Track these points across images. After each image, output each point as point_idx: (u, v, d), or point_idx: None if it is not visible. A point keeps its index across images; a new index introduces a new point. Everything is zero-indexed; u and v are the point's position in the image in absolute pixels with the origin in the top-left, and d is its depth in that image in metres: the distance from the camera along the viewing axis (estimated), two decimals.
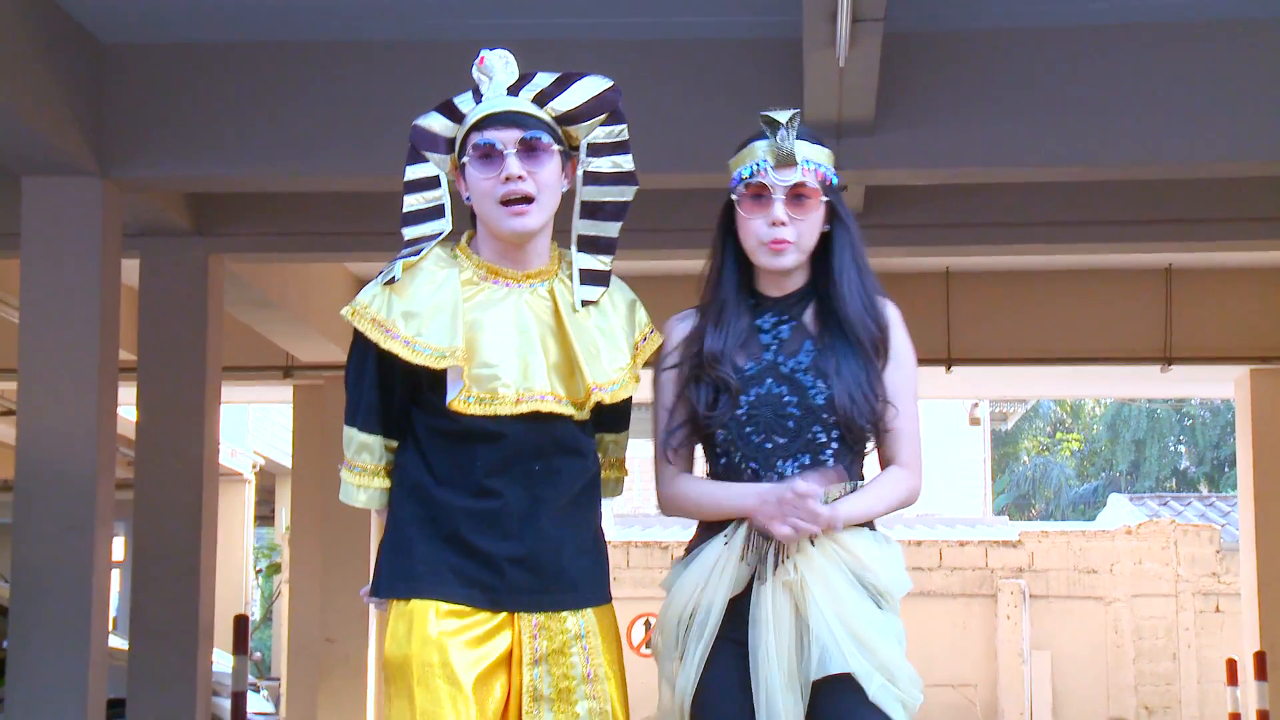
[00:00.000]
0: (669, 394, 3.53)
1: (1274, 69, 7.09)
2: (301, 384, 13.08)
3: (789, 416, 3.42)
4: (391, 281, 3.37)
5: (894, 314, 3.55)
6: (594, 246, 3.51)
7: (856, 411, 3.42)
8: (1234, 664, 12.86)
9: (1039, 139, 7.21)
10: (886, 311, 3.54)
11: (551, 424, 3.39)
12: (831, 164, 3.54)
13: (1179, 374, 12.30)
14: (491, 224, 3.42)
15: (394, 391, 3.41)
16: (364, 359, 3.42)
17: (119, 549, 15.40)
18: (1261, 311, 11.71)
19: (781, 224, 3.46)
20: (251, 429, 18.93)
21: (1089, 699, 16.92)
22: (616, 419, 3.59)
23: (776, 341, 3.50)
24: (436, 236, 3.44)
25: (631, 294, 3.61)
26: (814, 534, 3.32)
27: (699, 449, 3.56)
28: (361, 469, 3.45)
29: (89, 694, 7.14)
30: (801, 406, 3.42)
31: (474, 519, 3.35)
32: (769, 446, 3.42)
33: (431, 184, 3.48)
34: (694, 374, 3.49)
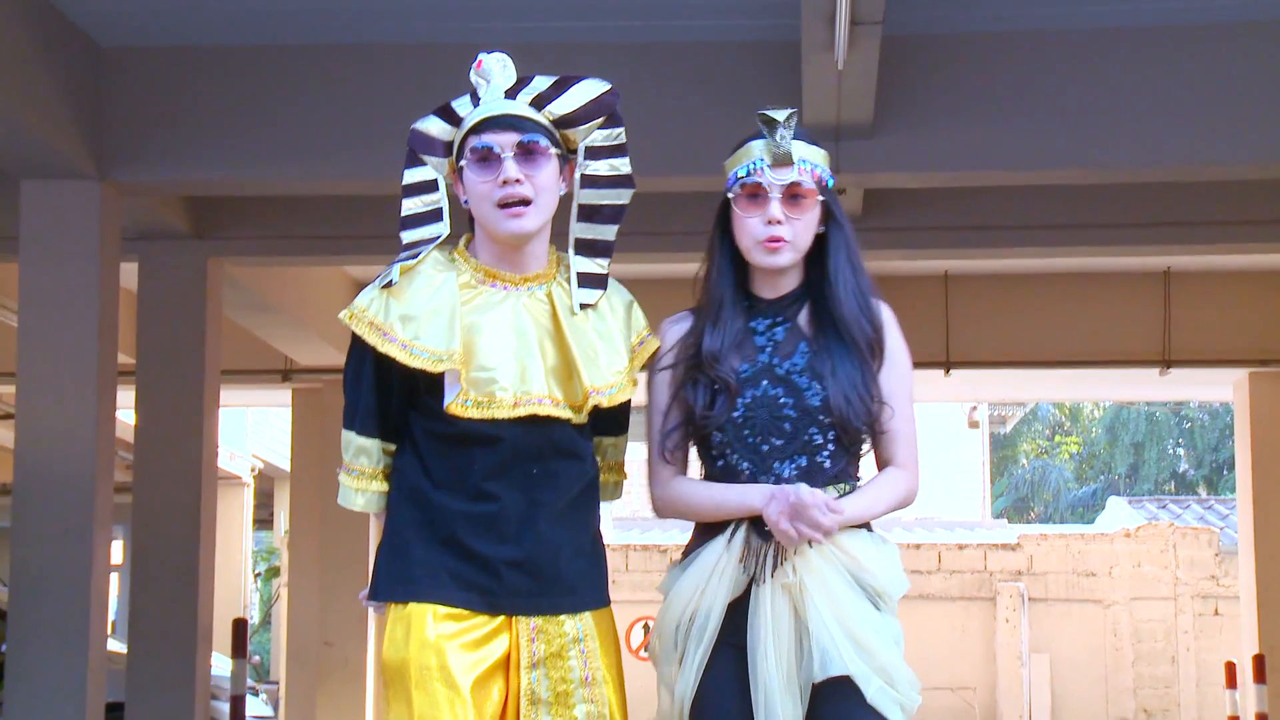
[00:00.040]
0: (664, 395, 3.52)
1: (1272, 72, 7.09)
2: (300, 387, 13.07)
3: (785, 418, 3.42)
4: (389, 285, 3.37)
5: (889, 315, 3.56)
6: (591, 250, 3.51)
7: (852, 413, 3.42)
8: (1233, 667, 12.87)
9: (1037, 142, 7.20)
10: (881, 313, 3.54)
11: (549, 427, 3.38)
12: (827, 165, 3.54)
13: (1178, 377, 12.30)
14: (489, 226, 3.41)
15: (392, 395, 3.41)
16: (362, 362, 3.42)
17: (118, 552, 15.38)
18: (1260, 314, 11.70)
19: (778, 222, 3.46)
20: (250, 432, 18.93)
21: (1088, 702, 16.93)
22: (615, 422, 3.59)
23: (771, 343, 3.50)
24: (434, 240, 3.44)
25: (629, 295, 3.60)
26: (817, 541, 3.32)
27: (693, 452, 3.56)
28: (359, 472, 3.45)
29: (87, 697, 7.13)
30: (798, 408, 3.42)
31: (471, 522, 3.34)
32: (766, 448, 3.42)
33: (429, 187, 3.47)
34: (690, 375, 3.48)
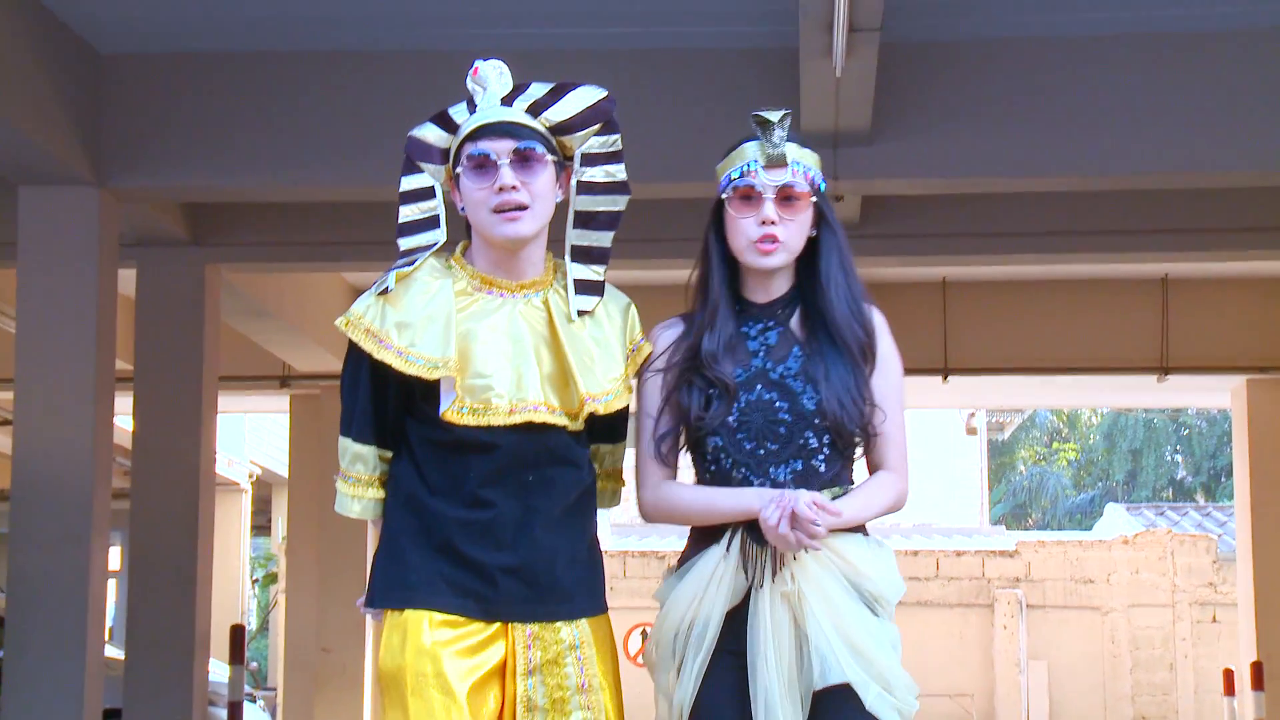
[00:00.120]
0: (656, 399, 3.52)
1: (1270, 79, 7.09)
2: (298, 393, 13.07)
3: (780, 423, 3.42)
4: (385, 292, 3.37)
5: (879, 320, 3.56)
6: (587, 256, 3.51)
7: (846, 416, 3.42)
8: (1231, 674, 12.87)
9: (1035, 149, 7.21)
10: (872, 317, 3.55)
11: (545, 434, 3.39)
12: (819, 168, 3.55)
13: (1176, 384, 12.29)
14: (485, 232, 3.42)
15: (388, 402, 3.41)
16: (358, 369, 3.42)
17: (115, 559, 15.42)
18: (1258, 321, 11.70)
19: (771, 223, 3.46)
20: (248, 439, 18.92)
21: (1086, 709, 16.92)
22: (612, 429, 3.59)
23: (764, 347, 3.51)
24: (431, 247, 3.44)
25: (625, 299, 3.61)
26: (814, 548, 3.32)
27: (684, 457, 3.55)
28: (356, 479, 3.45)
29: (85, 704, 7.12)
30: (793, 412, 3.42)
31: (467, 529, 3.34)
32: (761, 453, 3.42)
33: (426, 194, 3.47)
34: (685, 378, 3.48)
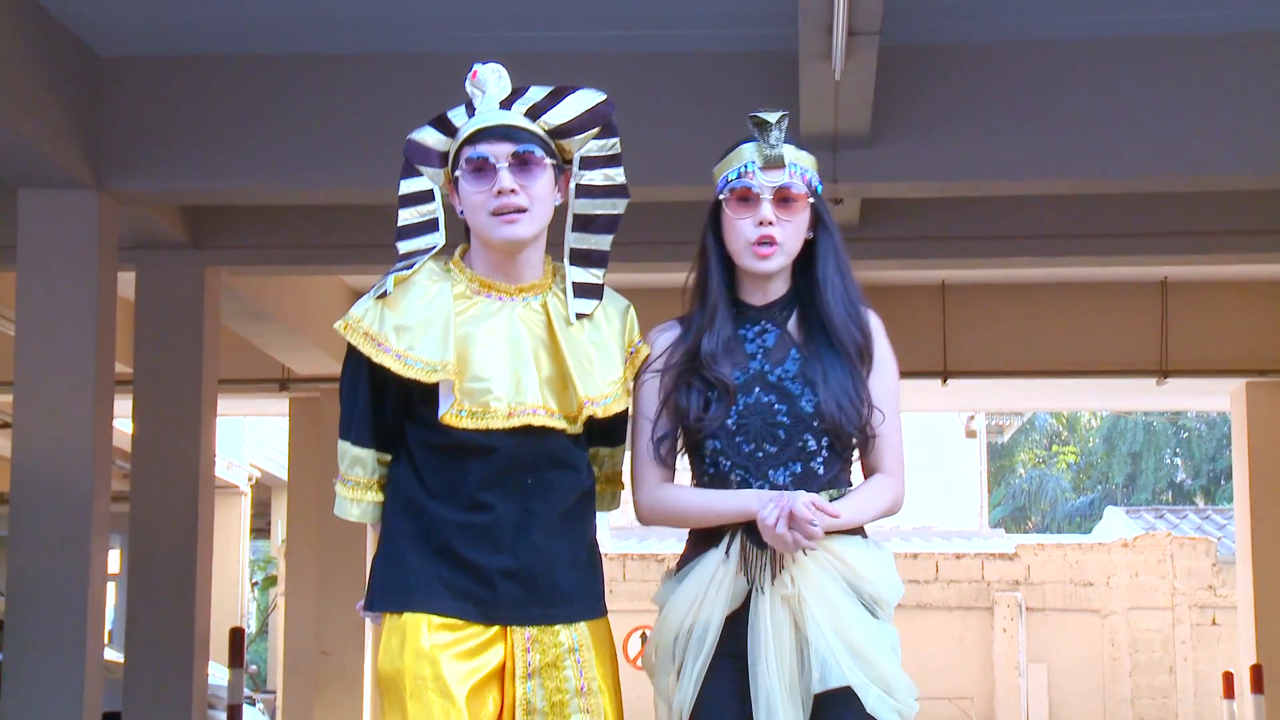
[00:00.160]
0: (653, 402, 3.51)
1: (1269, 82, 7.09)
2: (297, 396, 13.07)
3: (779, 425, 3.42)
4: (384, 295, 3.38)
5: (876, 322, 3.56)
6: (586, 260, 3.51)
7: (845, 419, 3.42)
8: (1231, 677, 12.87)
9: (1034, 152, 7.21)
10: (869, 319, 3.55)
11: (544, 438, 3.39)
12: (816, 171, 3.55)
13: (1175, 387, 12.29)
14: (484, 234, 3.42)
15: (387, 405, 3.41)
16: (357, 373, 3.42)
17: (115, 561, 15.42)
18: (1258, 324, 11.70)
19: (769, 223, 3.46)
20: (247, 441, 18.92)
21: (1085, 712, 16.92)
22: (611, 433, 3.59)
23: (762, 350, 3.50)
24: (430, 250, 3.44)
25: (624, 301, 3.61)
26: (811, 549, 3.32)
27: (681, 460, 3.55)
28: (355, 483, 3.45)
29: (84, 707, 7.12)
30: (791, 415, 3.42)
31: (466, 532, 3.35)
32: (760, 455, 3.42)
33: (425, 198, 3.47)
34: (683, 380, 3.48)
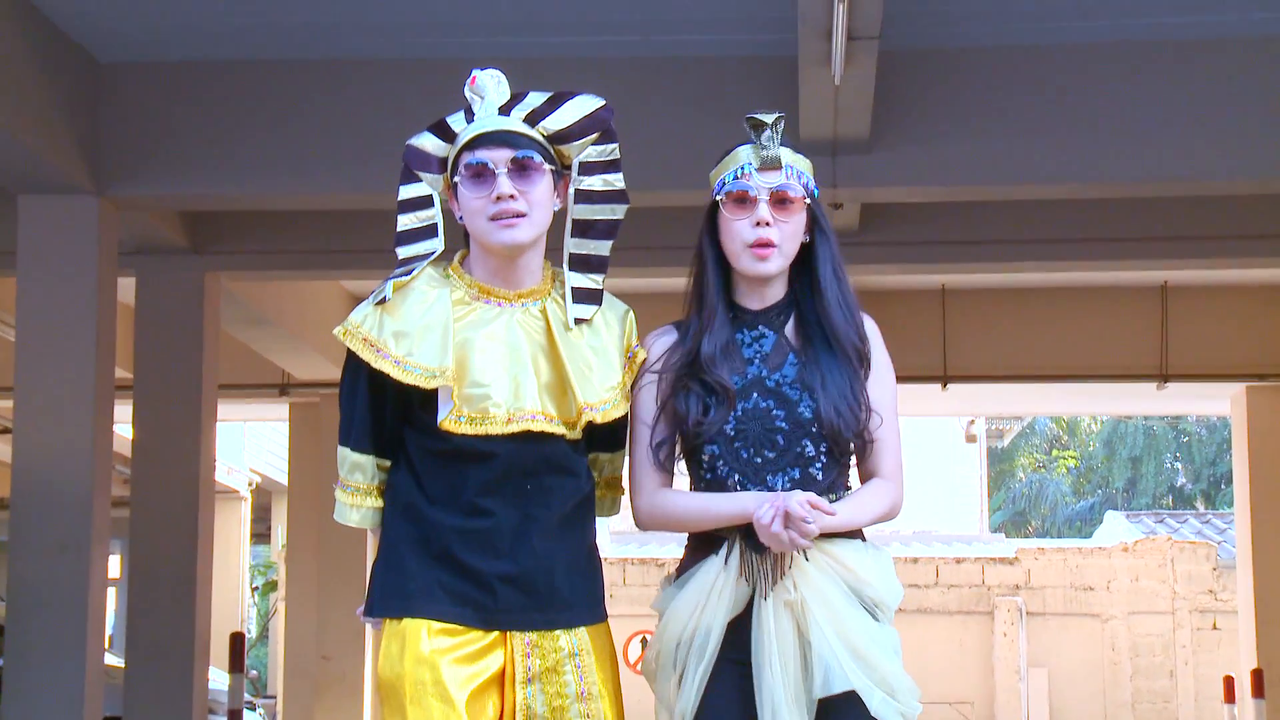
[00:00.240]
0: (651, 407, 3.51)
1: (1268, 86, 7.10)
2: (297, 401, 13.07)
3: (778, 431, 3.42)
4: (383, 301, 3.38)
5: (872, 326, 3.57)
6: (585, 265, 3.51)
7: (843, 424, 3.42)
8: (1231, 681, 12.87)
9: (1034, 156, 7.21)
10: (865, 323, 3.55)
11: (543, 443, 3.39)
12: (813, 174, 3.55)
13: (1175, 391, 12.30)
14: (483, 239, 3.42)
15: (386, 411, 3.41)
16: (356, 379, 3.42)
17: (115, 567, 15.42)
18: (1258, 328, 11.70)
19: (766, 224, 3.46)
20: (247, 446, 18.93)
21: (1086, 716, 16.91)
22: (611, 438, 3.59)
23: (759, 355, 3.50)
24: (429, 256, 3.44)
25: (624, 307, 3.61)
26: (806, 546, 3.32)
27: (678, 465, 3.54)
28: (354, 488, 3.45)
29: (85, 712, 7.12)
30: (790, 420, 3.42)
31: (465, 538, 3.35)
32: (759, 461, 3.41)
33: (425, 203, 3.47)
34: (682, 384, 3.47)
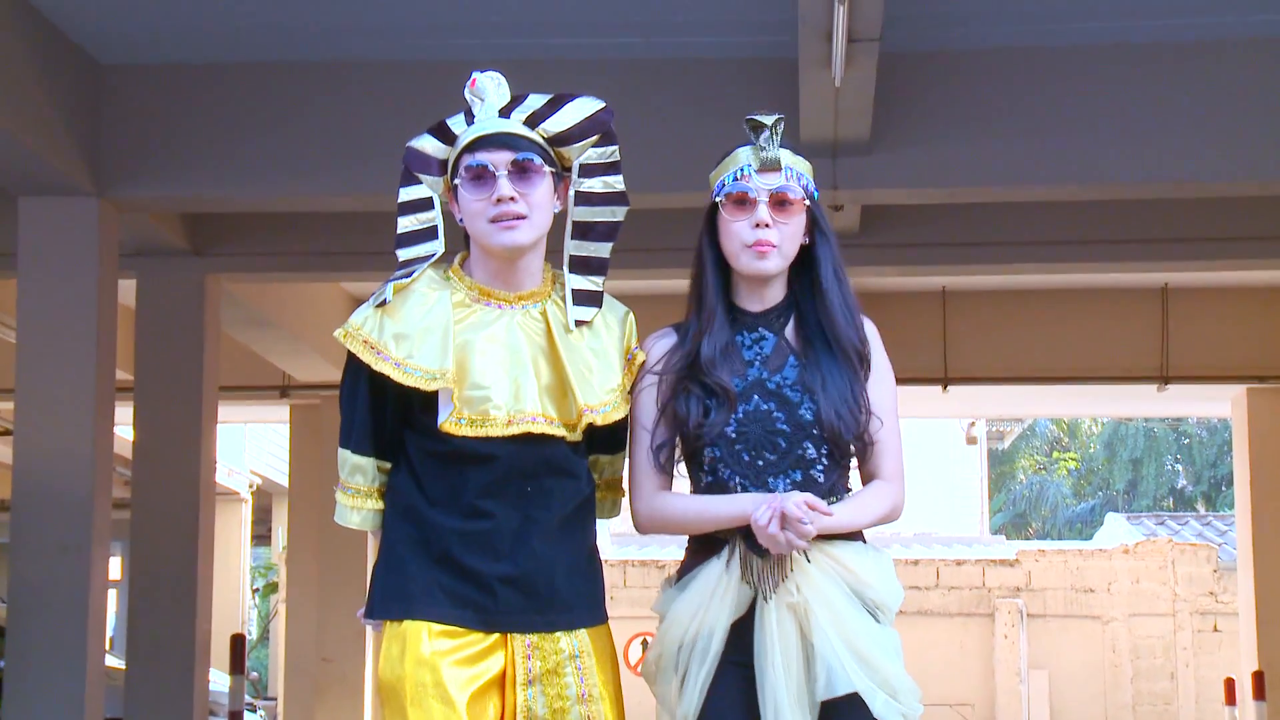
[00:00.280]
0: (651, 410, 3.50)
1: (1269, 88, 7.10)
2: (298, 403, 13.08)
3: (779, 433, 3.41)
4: (383, 303, 3.38)
5: (872, 328, 3.56)
6: (585, 267, 3.51)
7: (844, 427, 3.41)
8: (1232, 683, 12.87)
9: (1035, 158, 7.21)
10: (864, 325, 3.55)
11: (543, 445, 3.39)
12: (813, 176, 3.54)
13: (1176, 393, 12.29)
14: (483, 241, 3.42)
15: (386, 413, 3.41)
16: (357, 381, 3.42)
17: (116, 568, 15.41)
18: (1258, 330, 11.70)
19: (765, 225, 3.45)
20: (248, 448, 18.93)
21: (1086, 718, 16.90)
22: (611, 440, 3.58)
23: (760, 357, 3.49)
24: (430, 258, 3.44)
25: (624, 309, 3.61)
26: (804, 548, 3.32)
27: (678, 467, 3.54)
28: (355, 490, 3.45)
29: (86, 714, 7.12)
30: (791, 423, 3.41)
31: (466, 540, 3.35)
32: (760, 464, 3.41)
33: (425, 205, 3.48)
34: (682, 386, 3.47)
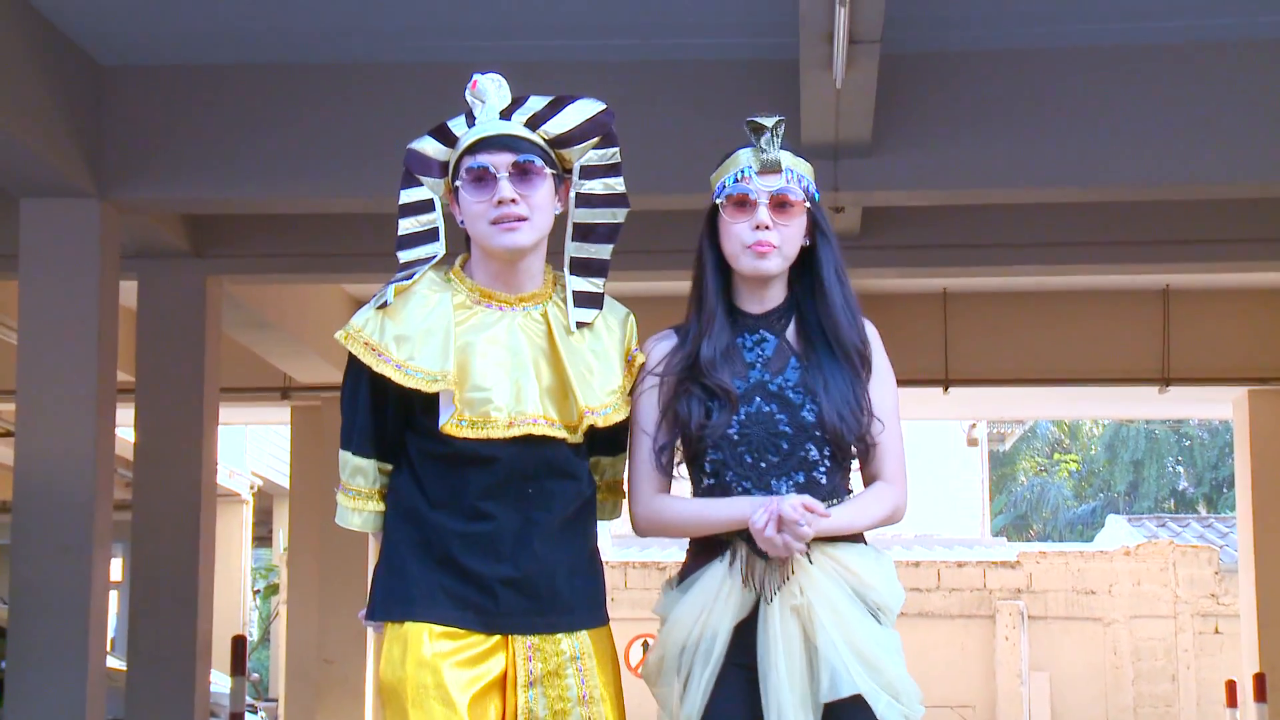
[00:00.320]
0: (651, 414, 3.49)
1: (1270, 89, 7.10)
2: (299, 405, 13.09)
3: (781, 435, 3.41)
4: (384, 305, 3.38)
5: (872, 330, 3.56)
6: (586, 269, 3.51)
7: (846, 428, 3.41)
8: (1233, 685, 12.86)
9: (1036, 160, 7.22)
10: (865, 327, 3.55)
11: (544, 447, 3.39)
12: (813, 178, 3.54)
13: (1177, 395, 12.29)
14: (484, 243, 3.42)
15: (388, 415, 3.41)
16: (358, 383, 3.42)
17: (117, 570, 15.41)
18: (1259, 332, 11.70)
19: (765, 227, 3.45)
20: (249, 450, 18.93)
21: None
22: (612, 441, 3.58)
23: (761, 359, 3.49)
24: (430, 260, 3.45)
25: (624, 310, 3.61)
26: (801, 552, 3.31)
27: (677, 470, 3.53)
28: (356, 492, 3.45)
29: (87, 715, 7.13)
30: (793, 425, 3.41)
31: (467, 542, 3.35)
32: (763, 466, 3.40)
33: (426, 207, 3.48)
34: (683, 388, 3.46)
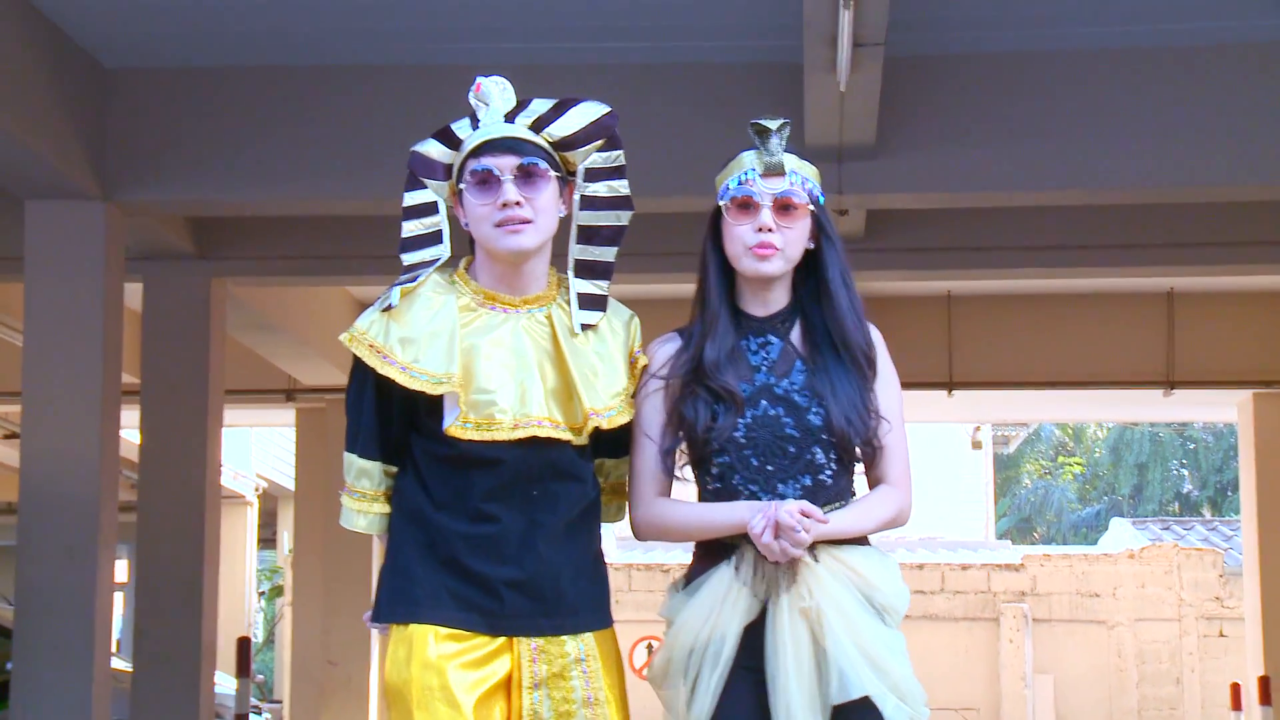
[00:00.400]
0: (654, 417, 3.49)
1: (1273, 92, 7.10)
2: (304, 407, 13.10)
3: (788, 439, 3.41)
4: (389, 308, 3.38)
5: (876, 333, 3.56)
6: (590, 271, 3.51)
7: (853, 431, 3.41)
8: (1238, 688, 12.84)
9: (1040, 163, 7.22)
10: (870, 330, 3.54)
11: (549, 449, 3.39)
12: (818, 180, 3.54)
13: (1181, 398, 12.28)
14: (489, 245, 3.42)
15: (393, 417, 3.42)
16: (363, 385, 3.43)
17: (122, 571, 15.45)
18: (1264, 335, 11.69)
19: (769, 230, 3.44)
20: (254, 452, 18.93)
21: None
22: (617, 443, 3.57)
23: (766, 362, 3.48)
24: (435, 262, 3.45)
25: (628, 312, 3.61)
26: (799, 556, 3.32)
27: (679, 473, 3.53)
28: (361, 494, 3.46)
29: (92, 716, 7.14)
30: (800, 428, 3.41)
31: (472, 544, 3.35)
32: (770, 469, 3.40)
33: (430, 210, 3.48)
34: (688, 391, 3.46)
